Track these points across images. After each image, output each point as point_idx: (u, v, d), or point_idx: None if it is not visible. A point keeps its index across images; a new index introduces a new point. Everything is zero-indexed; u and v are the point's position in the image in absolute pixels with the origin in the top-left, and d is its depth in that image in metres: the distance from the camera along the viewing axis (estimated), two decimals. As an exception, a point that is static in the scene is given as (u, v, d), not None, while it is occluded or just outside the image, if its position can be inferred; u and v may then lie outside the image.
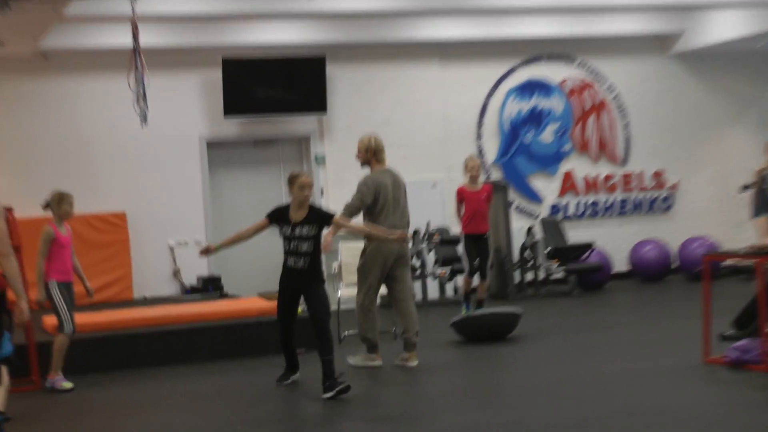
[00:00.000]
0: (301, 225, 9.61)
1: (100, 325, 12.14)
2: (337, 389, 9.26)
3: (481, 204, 13.41)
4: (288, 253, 9.74)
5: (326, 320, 9.72)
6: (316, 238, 9.72)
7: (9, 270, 7.47)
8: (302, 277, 9.76)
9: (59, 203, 10.92)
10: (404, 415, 8.96)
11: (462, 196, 13.24)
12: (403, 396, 9.84)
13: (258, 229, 9.99)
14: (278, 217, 9.82)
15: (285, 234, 9.73)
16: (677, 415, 7.89)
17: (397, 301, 11.01)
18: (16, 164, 15.39)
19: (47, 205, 10.95)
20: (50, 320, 12.60)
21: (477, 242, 13.33)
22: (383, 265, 10.80)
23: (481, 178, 14.35)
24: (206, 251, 10.37)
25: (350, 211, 10.88)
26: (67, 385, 10.89)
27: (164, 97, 15.34)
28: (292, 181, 9.76)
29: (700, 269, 15.30)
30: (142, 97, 12.17)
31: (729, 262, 15.89)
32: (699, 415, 7.88)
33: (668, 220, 18.76)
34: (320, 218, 9.79)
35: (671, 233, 18.42)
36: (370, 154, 10.97)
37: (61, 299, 10.90)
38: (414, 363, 10.88)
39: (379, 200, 10.84)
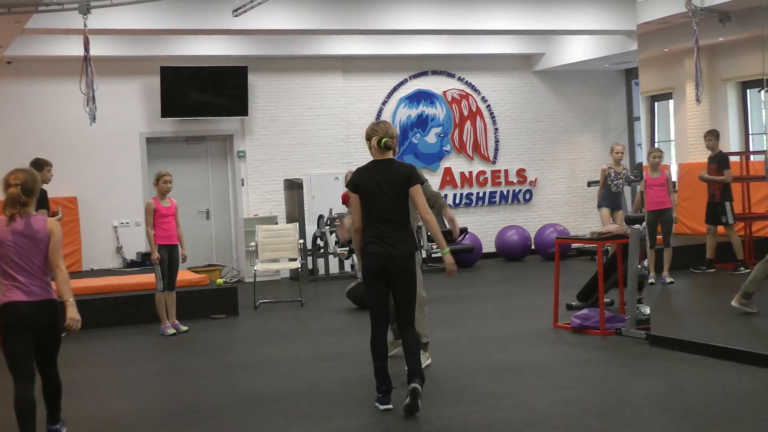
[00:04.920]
0: None
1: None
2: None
3: None
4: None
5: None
6: None
7: None
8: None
9: (155, 183, 11.34)
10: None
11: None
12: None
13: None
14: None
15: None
16: (532, 368, 8.15)
17: None
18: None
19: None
20: None
21: None
22: None
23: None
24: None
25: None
26: (172, 331, 11.23)
27: (110, 100, 15.34)
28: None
29: (552, 251, 15.78)
30: (91, 99, 12.03)
31: (576, 245, 16.37)
32: (549, 369, 8.13)
33: (528, 210, 18.91)
34: None
35: (530, 221, 18.70)
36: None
37: (160, 262, 11.12)
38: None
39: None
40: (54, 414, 6.48)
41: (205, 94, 16.44)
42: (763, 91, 8.90)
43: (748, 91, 10.45)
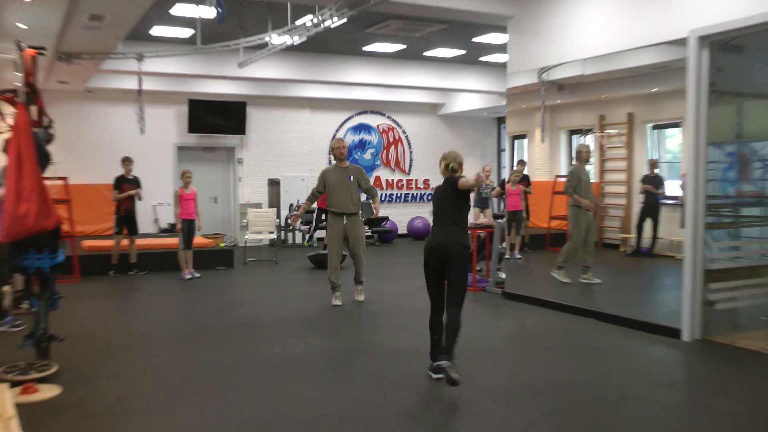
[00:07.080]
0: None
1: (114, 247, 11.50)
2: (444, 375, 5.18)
3: None
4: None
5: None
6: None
7: None
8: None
9: (181, 177, 11.20)
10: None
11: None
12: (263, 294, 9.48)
13: None
14: None
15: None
16: (426, 311, 7.05)
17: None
18: (74, 154, 14.91)
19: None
20: (88, 243, 12.37)
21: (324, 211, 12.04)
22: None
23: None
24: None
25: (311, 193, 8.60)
26: (189, 276, 11.04)
27: (154, 120, 15.19)
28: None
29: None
30: (141, 118, 11.98)
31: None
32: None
33: (429, 206, 18.59)
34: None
35: (430, 213, 18.84)
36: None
37: (182, 230, 11.03)
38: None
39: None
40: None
41: (217, 119, 16.23)
42: (580, 137, 9.00)
43: (573, 136, 10.05)
